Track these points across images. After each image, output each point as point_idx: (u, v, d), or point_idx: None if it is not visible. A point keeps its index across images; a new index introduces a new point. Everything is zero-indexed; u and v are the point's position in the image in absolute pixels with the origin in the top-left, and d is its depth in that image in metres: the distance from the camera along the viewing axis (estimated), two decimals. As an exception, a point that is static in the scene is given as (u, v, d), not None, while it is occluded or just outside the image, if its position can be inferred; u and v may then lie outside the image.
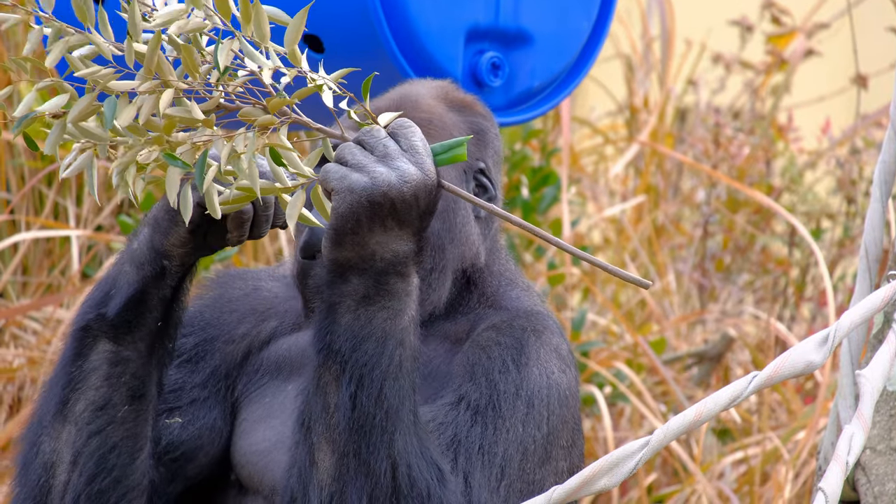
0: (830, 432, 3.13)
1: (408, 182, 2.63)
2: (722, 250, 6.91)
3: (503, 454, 2.79)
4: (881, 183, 3.09)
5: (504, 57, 3.60)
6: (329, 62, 3.39)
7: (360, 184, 2.62)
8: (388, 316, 2.65)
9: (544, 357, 2.89)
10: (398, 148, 2.66)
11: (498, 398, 2.83)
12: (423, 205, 2.66)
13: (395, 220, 2.65)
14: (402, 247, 2.66)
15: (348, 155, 2.65)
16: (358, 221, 2.63)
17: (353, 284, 2.64)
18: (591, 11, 3.72)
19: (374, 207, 2.63)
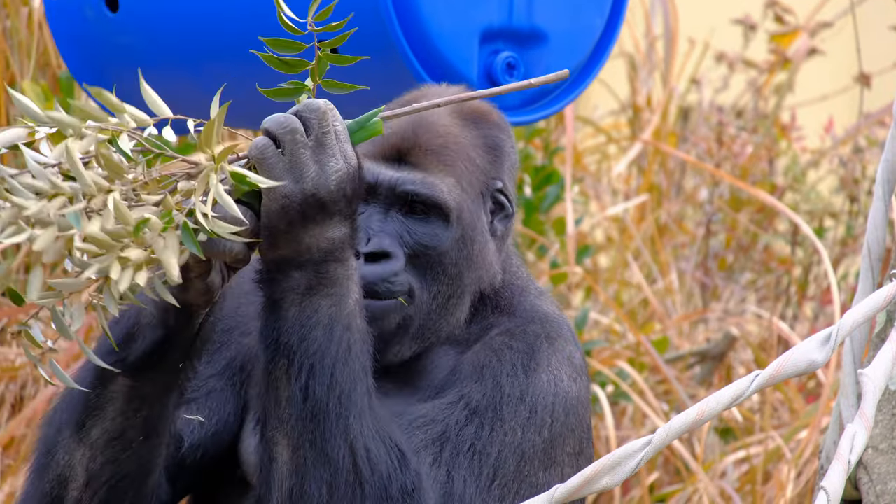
0: (833, 431, 3.13)
1: (335, 180, 2.64)
2: (725, 249, 6.91)
3: (497, 455, 2.78)
4: (884, 182, 3.09)
5: (519, 56, 3.60)
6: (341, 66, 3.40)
7: (291, 191, 2.62)
8: (333, 302, 2.65)
9: (555, 364, 2.89)
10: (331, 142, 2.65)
11: (501, 401, 2.82)
12: (349, 192, 2.66)
13: (326, 213, 2.64)
14: (336, 232, 2.66)
15: (288, 142, 2.65)
16: (290, 223, 2.63)
17: (295, 279, 2.65)
18: (603, 9, 3.72)
19: (304, 208, 2.63)
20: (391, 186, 2.91)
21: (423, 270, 2.91)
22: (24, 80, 5.45)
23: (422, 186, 2.91)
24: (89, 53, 3.79)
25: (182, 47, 3.67)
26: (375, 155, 2.93)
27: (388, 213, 2.92)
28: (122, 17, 3.69)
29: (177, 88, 3.79)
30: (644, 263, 6.58)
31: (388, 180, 2.91)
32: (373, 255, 2.88)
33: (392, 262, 2.88)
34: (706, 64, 7.65)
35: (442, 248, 2.92)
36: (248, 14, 3.56)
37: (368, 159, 2.91)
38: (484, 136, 2.99)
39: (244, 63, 3.64)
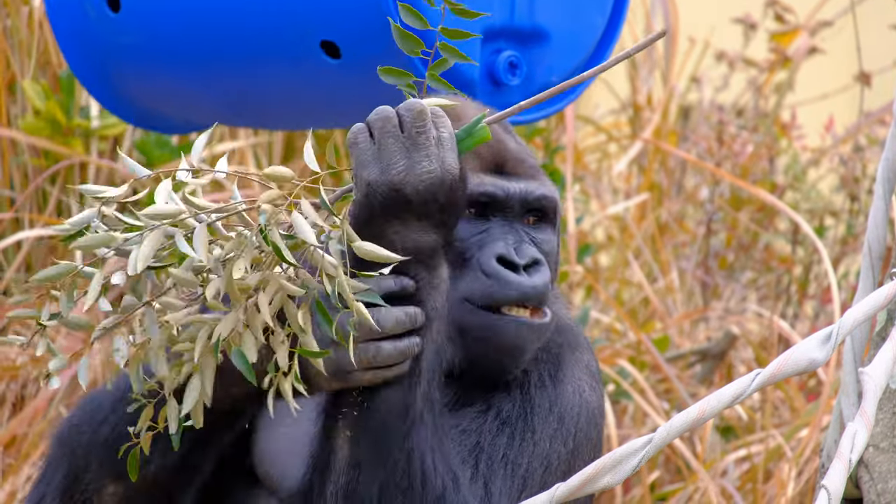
0: (833, 430, 3.13)
1: (424, 180, 2.61)
2: (725, 248, 6.90)
3: (527, 466, 2.78)
4: (884, 180, 3.09)
5: (521, 55, 3.59)
6: (345, 68, 3.40)
7: (376, 179, 2.60)
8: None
9: (577, 374, 2.89)
10: (427, 140, 2.63)
11: (532, 411, 2.82)
12: (442, 199, 2.62)
13: (412, 214, 2.62)
14: (423, 238, 2.63)
15: (378, 129, 2.63)
16: (372, 210, 2.61)
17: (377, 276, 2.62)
18: (605, 7, 3.72)
19: (386, 201, 2.60)
20: (523, 197, 2.88)
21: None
22: (24, 79, 5.45)
23: (549, 193, 2.90)
24: (91, 53, 3.79)
25: (183, 47, 3.67)
26: (477, 168, 2.88)
27: (513, 225, 2.88)
28: (124, 17, 3.69)
29: (178, 88, 3.79)
30: (645, 262, 6.58)
31: (519, 192, 2.87)
32: (529, 265, 2.84)
33: (545, 269, 2.86)
34: (706, 63, 7.65)
35: (555, 253, 2.92)
36: (249, 14, 3.56)
37: (472, 174, 2.86)
38: (519, 142, 2.99)
39: (246, 63, 3.64)
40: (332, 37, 3.45)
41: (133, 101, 3.88)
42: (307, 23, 3.47)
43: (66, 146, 5.36)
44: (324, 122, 3.89)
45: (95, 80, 3.84)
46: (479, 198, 2.85)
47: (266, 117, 3.93)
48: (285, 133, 5.76)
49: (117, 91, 3.86)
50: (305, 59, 3.48)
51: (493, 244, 2.84)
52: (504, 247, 2.84)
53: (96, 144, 5.44)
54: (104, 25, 3.71)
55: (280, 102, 3.65)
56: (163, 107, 3.89)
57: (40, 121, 5.34)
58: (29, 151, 5.46)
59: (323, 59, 3.46)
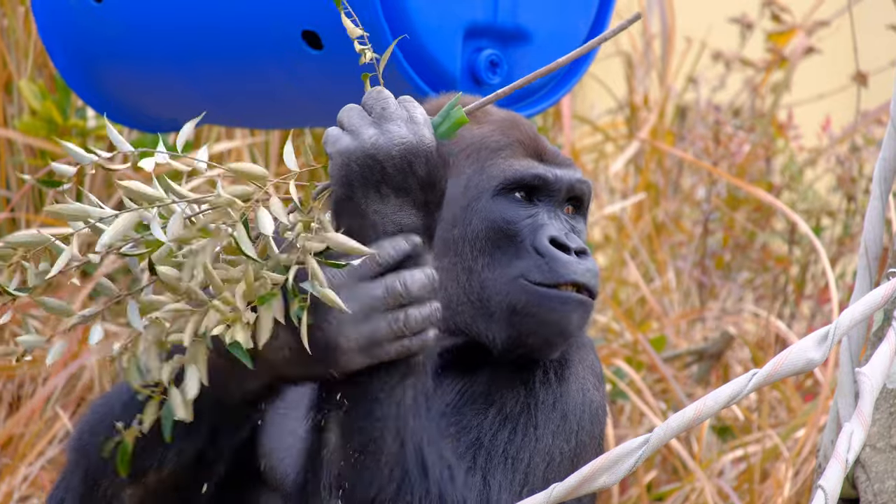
0: (830, 430, 3.13)
1: (396, 145, 2.58)
2: (722, 248, 6.90)
3: (529, 461, 2.78)
4: (881, 180, 3.09)
5: (502, 54, 3.59)
6: (327, 59, 3.39)
7: (349, 147, 2.58)
8: None
9: (582, 373, 2.90)
10: (396, 112, 2.61)
11: (535, 407, 2.82)
12: (420, 172, 2.60)
13: (391, 187, 2.59)
14: (405, 219, 2.60)
15: (345, 118, 2.62)
16: (350, 186, 2.58)
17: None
18: (589, 9, 3.72)
19: (363, 171, 2.57)
20: (570, 184, 2.92)
21: None
22: (21, 79, 5.45)
23: (588, 184, 2.95)
24: (75, 48, 3.77)
25: (167, 39, 3.66)
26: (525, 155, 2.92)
27: (557, 212, 2.91)
28: (107, 8, 3.67)
29: (162, 80, 3.78)
30: (641, 262, 6.58)
31: (566, 178, 2.91)
32: (579, 252, 2.87)
33: (591, 258, 2.89)
34: (703, 63, 7.65)
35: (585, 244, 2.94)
36: (234, 7, 3.56)
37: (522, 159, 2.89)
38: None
39: (230, 56, 3.64)
40: (313, 26, 3.45)
41: (117, 98, 3.87)
42: (288, 13, 3.47)
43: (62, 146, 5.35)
44: (310, 120, 3.88)
45: (80, 76, 3.82)
46: (531, 180, 2.88)
47: (252, 115, 3.92)
48: (282, 133, 5.75)
49: (102, 88, 3.85)
50: (287, 50, 3.47)
51: (546, 227, 2.87)
52: (557, 229, 2.87)
53: (93, 144, 5.43)
54: (87, 17, 3.70)
55: (264, 97, 3.64)
56: (147, 105, 3.88)
57: (36, 121, 5.33)
58: (25, 151, 5.45)
59: (305, 49, 3.46)
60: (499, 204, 2.88)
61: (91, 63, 3.79)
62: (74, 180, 2.54)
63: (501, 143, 2.92)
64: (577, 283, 2.84)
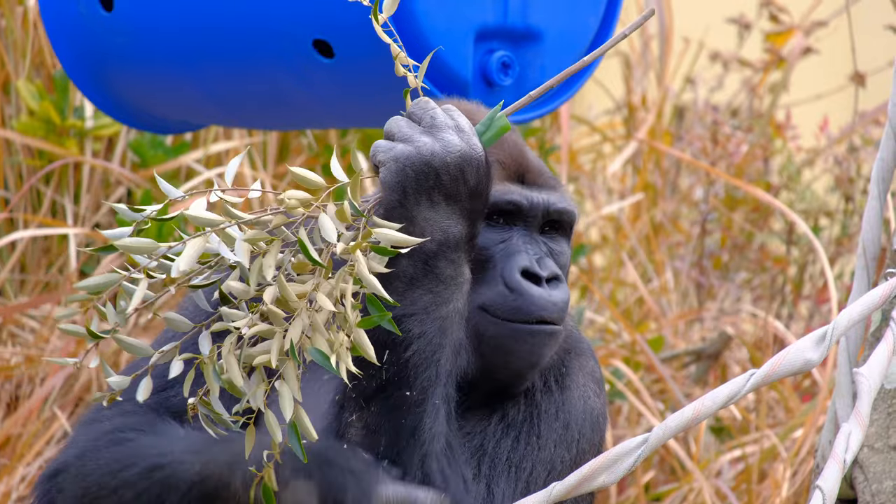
0: (828, 430, 3.13)
1: (452, 153, 2.61)
2: (720, 248, 6.90)
3: (531, 470, 2.78)
4: (879, 181, 3.09)
5: (514, 55, 3.59)
6: (338, 66, 3.39)
7: (404, 153, 2.61)
8: (433, 301, 2.63)
9: (582, 381, 2.90)
10: (446, 121, 2.64)
11: (538, 416, 2.82)
12: (471, 181, 2.63)
13: (442, 195, 2.62)
14: (452, 227, 2.63)
15: (395, 128, 2.64)
16: (404, 192, 2.61)
17: (403, 264, 2.62)
18: (598, 8, 3.72)
19: (418, 177, 2.60)
20: (546, 208, 2.88)
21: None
22: (19, 79, 5.44)
23: (569, 206, 2.90)
24: (84, 52, 3.78)
25: (176, 46, 3.67)
26: (502, 177, 2.88)
27: (533, 235, 2.88)
28: (117, 17, 3.68)
29: (171, 88, 3.78)
30: (639, 262, 6.58)
31: (542, 202, 2.87)
32: (550, 279, 2.84)
33: (564, 285, 2.85)
34: (701, 63, 7.65)
35: (568, 266, 2.91)
36: (242, 12, 3.56)
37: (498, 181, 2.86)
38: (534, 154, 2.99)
39: (239, 62, 3.64)
40: (325, 35, 3.45)
41: (126, 101, 3.87)
42: (300, 22, 3.47)
43: (60, 146, 5.35)
44: (318, 123, 3.89)
45: (89, 80, 3.83)
46: (504, 206, 2.85)
47: (260, 117, 3.93)
48: (280, 133, 5.75)
49: (110, 91, 3.85)
50: (298, 58, 3.48)
51: (517, 256, 2.83)
52: (528, 259, 2.83)
53: (91, 144, 5.43)
54: (97, 24, 3.71)
55: (274, 102, 3.65)
56: (156, 107, 3.89)
57: (35, 121, 5.33)
58: (23, 151, 5.45)
59: (316, 58, 3.46)
60: None
61: (100, 66, 3.79)
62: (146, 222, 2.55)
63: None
64: (543, 319, 2.80)
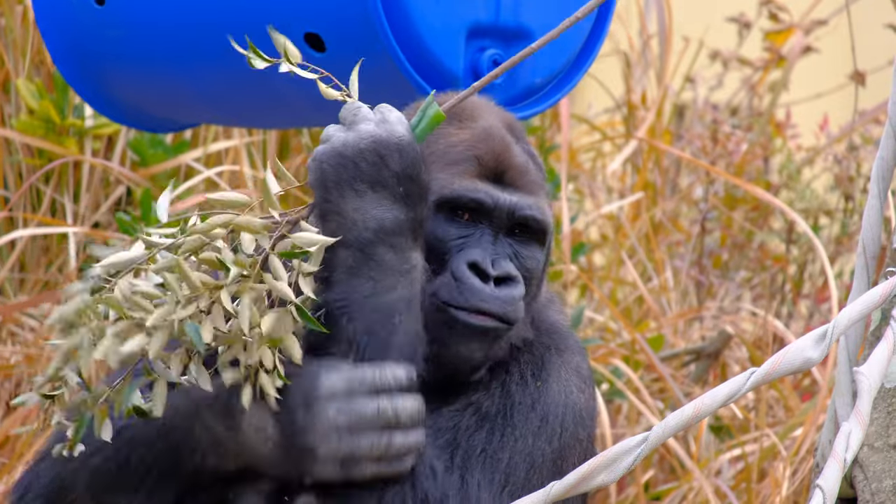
0: (828, 429, 3.13)
1: (365, 139, 2.62)
2: (720, 247, 6.91)
3: (509, 461, 2.77)
4: (879, 179, 3.09)
5: (505, 54, 3.59)
6: (330, 61, 3.39)
7: (319, 150, 2.63)
8: (373, 288, 2.62)
9: (564, 376, 2.88)
10: (367, 115, 2.65)
11: (511, 408, 2.81)
12: (394, 165, 2.63)
13: (366, 183, 2.62)
14: (386, 213, 2.63)
15: (324, 133, 2.67)
16: (325, 187, 2.62)
17: (341, 256, 2.61)
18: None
19: (335, 169, 2.61)
20: (511, 210, 2.86)
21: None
22: (18, 78, 5.44)
23: (538, 212, 2.87)
24: (75, 47, 3.77)
25: (168, 41, 3.66)
26: (474, 173, 2.87)
27: (498, 235, 2.86)
28: (109, 10, 3.68)
29: (164, 81, 3.78)
30: (639, 261, 6.59)
31: (508, 204, 2.85)
32: (502, 279, 2.81)
33: (518, 287, 2.83)
34: (701, 62, 7.65)
35: (538, 272, 2.89)
36: (233, 7, 3.56)
37: (468, 177, 2.85)
38: (528, 151, 2.96)
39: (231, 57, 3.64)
40: (317, 29, 3.45)
41: (117, 97, 3.87)
42: (290, 14, 3.47)
43: (60, 145, 5.35)
44: (312, 120, 3.88)
45: (79, 75, 3.82)
46: (467, 202, 2.84)
47: (253, 114, 3.93)
48: (279, 132, 5.75)
49: (101, 87, 3.85)
50: (289, 52, 3.48)
51: (471, 251, 2.82)
52: (480, 254, 2.82)
53: (90, 143, 5.43)
54: (89, 18, 3.70)
55: (265, 98, 3.64)
56: (148, 105, 3.89)
57: (34, 120, 5.33)
58: (23, 150, 5.45)
59: (307, 52, 3.46)
60: (436, 220, 2.84)
61: (93, 64, 3.79)
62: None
63: (459, 157, 2.87)
64: (481, 310, 2.78)
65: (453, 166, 2.85)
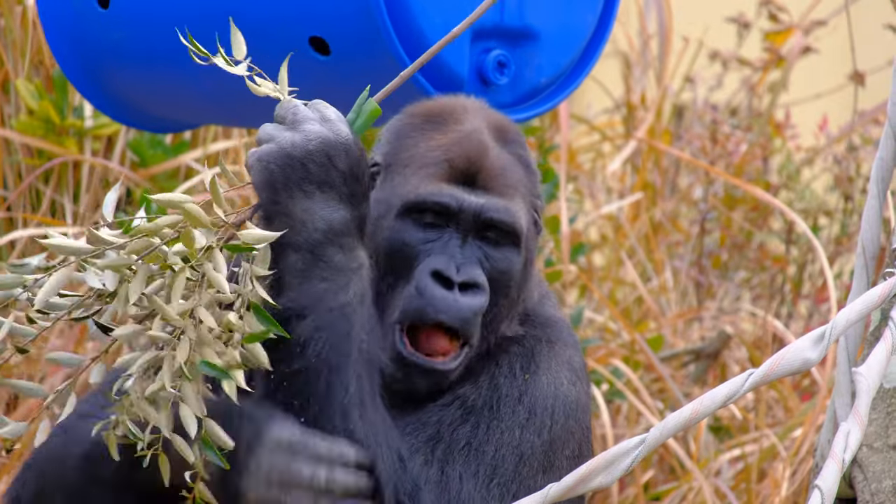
0: (827, 430, 3.13)
1: (312, 140, 2.61)
2: (719, 247, 6.91)
3: (494, 453, 2.76)
4: (878, 180, 3.09)
5: (510, 55, 3.58)
6: (334, 64, 3.38)
7: (265, 151, 2.61)
8: (328, 289, 2.60)
9: (554, 368, 2.87)
10: (308, 114, 2.64)
11: (498, 401, 2.80)
12: (341, 165, 2.62)
13: (314, 184, 2.61)
14: (334, 214, 2.61)
15: (262, 133, 2.65)
16: (274, 189, 2.60)
17: (291, 259, 2.60)
18: (595, 5, 3.72)
19: (284, 171, 2.60)
20: (477, 213, 2.85)
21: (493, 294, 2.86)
22: (18, 78, 5.44)
23: (506, 214, 2.86)
24: (80, 49, 3.77)
25: (171, 44, 3.66)
26: (443, 177, 2.86)
27: (467, 238, 2.85)
28: (113, 13, 3.68)
29: (167, 82, 3.78)
30: (638, 262, 6.58)
31: (473, 206, 2.84)
32: (466, 285, 2.81)
33: (482, 295, 2.83)
34: (700, 62, 7.65)
35: (513, 274, 2.88)
36: (238, 11, 3.55)
37: (436, 181, 2.85)
38: (517, 154, 2.95)
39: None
40: (321, 32, 3.45)
41: (121, 98, 3.87)
42: (295, 18, 3.46)
43: (59, 145, 5.35)
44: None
45: (84, 77, 3.82)
46: (431, 206, 2.84)
47: (256, 116, 3.92)
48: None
49: (106, 89, 3.85)
50: (294, 55, 3.48)
51: (437, 257, 2.83)
52: (445, 262, 2.81)
53: (90, 144, 5.43)
54: (93, 21, 3.70)
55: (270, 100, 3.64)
56: (152, 106, 3.89)
57: (34, 120, 5.33)
58: (22, 151, 5.45)
59: (312, 55, 3.45)
60: (403, 224, 2.85)
61: (97, 65, 3.79)
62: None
63: (432, 160, 2.87)
64: (441, 323, 2.78)
65: (424, 170, 2.85)
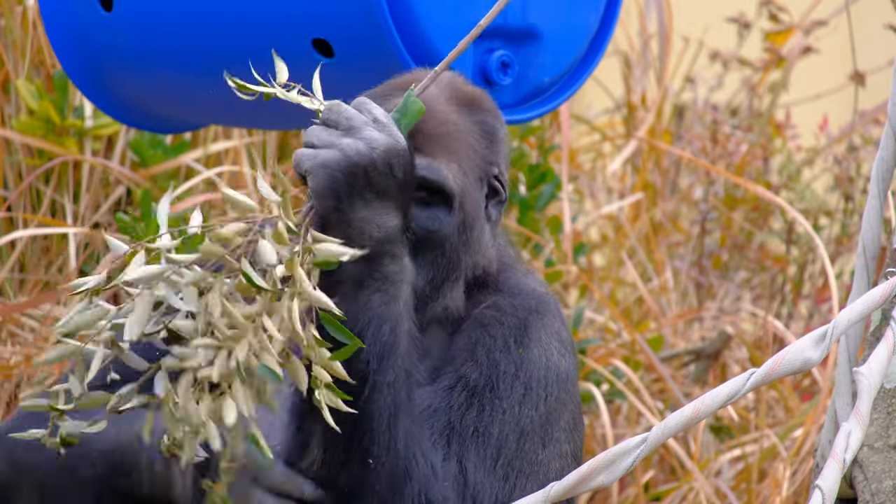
0: (828, 430, 3.13)
1: (376, 148, 2.62)
2: (719, 247, 6.90)
3: (498, 434, 2.79)
4: (879, 180, 3.09)
5: (513, 55, 3.58)
6: (337, 65, 3.38)
7: (330, 158, 2.60)
8: (384, 300, 2.63)
9: (545, 340, 2.89)
10: (362, 118, 2.64)
11: (497, 379, 2.82)
12: (398, 173, 2.64)
13: (374, 192, 2.62)
14: (388, 220, 2.64)
15: (314, 137, 2.64)
16: (338, 197, 2.61)
17: (347, 269, 2.62)
18: (598, 6, 3.72)
19: (349, 179, 2.60)
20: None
21: (423, 254, 2.87)
22: (18, 78, 5.44)
23: (428, 171, 2.86)
24: (83, 52, 3.78)
25: (176, 47, 3.67)
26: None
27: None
28: (117, 16, 3.68)
29: (170, 87, 3.78)
30: (639, 262, 6.58)
31: None
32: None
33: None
34: (700, 62, 7.65)
35: (444, 234, 2.89)
36: (241, 14, 3.56)
37: None
38: (480, 122, 2.97)
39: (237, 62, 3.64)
40: (325, 35, 3.45)
41: (126, 100, 3.87)
42: (299, 21, 3.47)
43: (60, 145, 5.35)
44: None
45: (88, 79, 3.83)
46: None
47: (260, 117, 3.92)
48: (279, 133, 5.75)
49: (110, 91, 3.85)
50: (297, 57, 3.48)
51: None
52: None
53: (90, 144, 5.43)
54: (96, 24, 3.71)
55: (273, 101, 3.65)
56: (155, 106, 3.89)
57: (34, 120, 5.33)
58: (23, 151, 5.45)
59: (315, 57, 3.45)
60: None
61: (100, 66, 3.79)
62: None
63: None
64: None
65: None
